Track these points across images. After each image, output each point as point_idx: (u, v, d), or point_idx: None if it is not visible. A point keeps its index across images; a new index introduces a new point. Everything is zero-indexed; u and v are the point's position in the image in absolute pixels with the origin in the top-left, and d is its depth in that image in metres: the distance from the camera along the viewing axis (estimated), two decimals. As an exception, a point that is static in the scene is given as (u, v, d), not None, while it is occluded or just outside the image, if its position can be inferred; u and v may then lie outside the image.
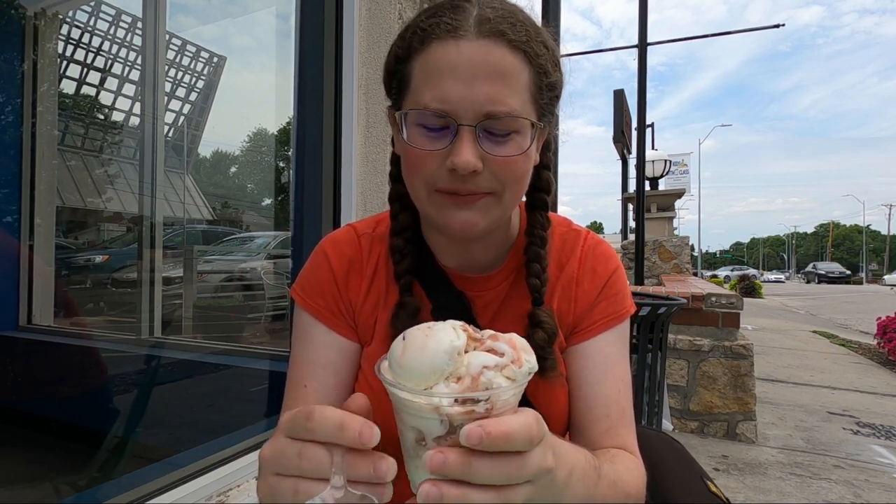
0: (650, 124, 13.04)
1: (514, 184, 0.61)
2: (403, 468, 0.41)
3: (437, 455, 0.35)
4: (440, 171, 0.58)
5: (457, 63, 0.57)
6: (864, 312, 12.49)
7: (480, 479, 0.36)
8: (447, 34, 0.58)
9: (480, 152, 0.57)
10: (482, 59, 0.56)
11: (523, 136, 0.59)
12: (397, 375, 0.38)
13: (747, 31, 12.50)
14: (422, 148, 0.58)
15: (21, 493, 1.74)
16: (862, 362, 5.87)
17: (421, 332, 0.38)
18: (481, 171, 0.58)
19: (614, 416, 0.66)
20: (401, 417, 0.38)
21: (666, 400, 2.85)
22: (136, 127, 3.44)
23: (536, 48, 0.59)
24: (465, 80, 0.56)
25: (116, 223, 3.81)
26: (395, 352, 0.38)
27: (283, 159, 5.67)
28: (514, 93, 0.57)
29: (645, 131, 5.88)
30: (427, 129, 0.59)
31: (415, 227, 0.70)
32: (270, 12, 3.38)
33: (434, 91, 0.57)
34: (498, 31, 0.57)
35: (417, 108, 0.58)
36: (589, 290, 0.71)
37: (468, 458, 0.35)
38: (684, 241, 6.66)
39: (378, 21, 1.96)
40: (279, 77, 2.90)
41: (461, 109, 0.56)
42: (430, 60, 0.58)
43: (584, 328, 0.70)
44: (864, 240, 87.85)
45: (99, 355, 2.30)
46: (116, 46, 3.41)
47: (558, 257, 0.72)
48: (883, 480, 2.56)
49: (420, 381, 0.36)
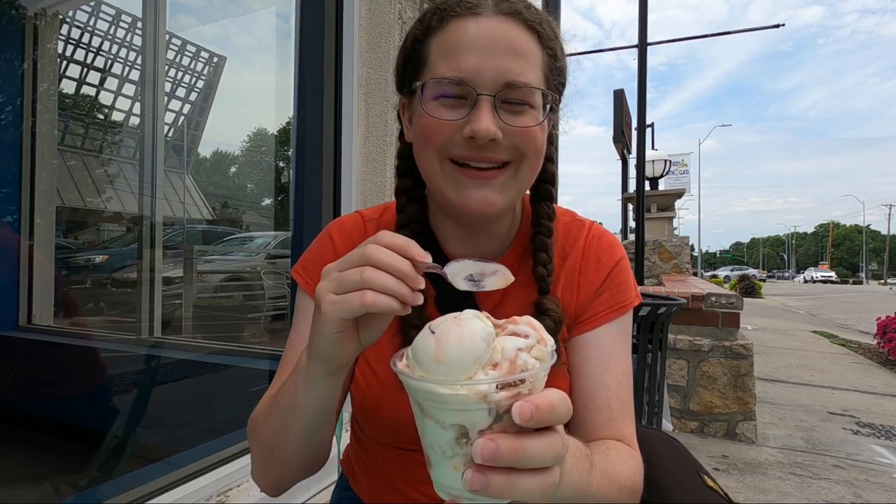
0: (650, 124, 13.04)
1: (532, 156, 0.62)
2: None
3: (488, 443, 0.34)
4: (456, 138, 0.60)
5: (476, 36, 0.59)
6: (864, 312, 12.48)
7: (532, 460, 0.35)
8: (467, 11, 0.60)
9: (499, 122, 0.58)
10: (501, 34, 0.59)
11: (537, 110, 0.61)
12: (434, 372, 0.36)
13: (747, 31, 12.51)
14: (440, 118, 0.60)
15: (21, 493, 1.74)
16: (862, 362, 5.87)
17: (451, 324, 0.37)
18: (500, 141, 0.59)
19: (614, 408, 0.66)
20: (436, 417, 0.36)
21: (666, 400, 2.85)
22: (136, 127, 3.44)
23: (548, 31, 0.62)
24: (485, 53, 0.58)
25: (116, 223, 3.81)
26: (426, 348, 0.36)
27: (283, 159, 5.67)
28: (531, 68, 0.60)
29: (645, 131, 5.87)
30: (445, 98, 0.60)
31: (421, 218, 0.71)
32: (270, 12, 3.38)
33: (452, 62, 0.59)
34: (514, 11, 0.60)
35: (436, 78, 0.60)
36: (592, 280, 0.71)
37: (520, 440, 0.35)
38: (684, 241, 6.66)
39: (378, 21, 1.96)
40: (279, 77, 2.90)
41: (480, 80, 0.58)
42: (449, 36, 0.60)
43: (586, 319, 0.69)
44: (864, 240, 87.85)
45: (99, 355, 2.29)
46: (116, 46, 3.41)
47: (562, 247, 0.72)
48: (883, 480, 2.56)
49: (461, 372, 0.35)
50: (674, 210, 8.43)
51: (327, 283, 0.46)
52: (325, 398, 0.54)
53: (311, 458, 0.61)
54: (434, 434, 0.37)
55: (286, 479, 0.63)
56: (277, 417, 0.57)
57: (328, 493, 1.45)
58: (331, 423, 0.60)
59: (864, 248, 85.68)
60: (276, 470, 0.61)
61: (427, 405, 0.36)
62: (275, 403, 0.58)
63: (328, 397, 0.55)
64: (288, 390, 0.55)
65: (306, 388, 0.53)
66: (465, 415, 0.35)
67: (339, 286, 0.45)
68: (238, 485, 1.46)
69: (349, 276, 0.45)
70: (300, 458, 0.60)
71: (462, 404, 0.34)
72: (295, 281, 0.73)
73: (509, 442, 0.34)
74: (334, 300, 0.45)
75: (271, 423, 0.58)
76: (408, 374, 0.37)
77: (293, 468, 0.61)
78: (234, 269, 5.01)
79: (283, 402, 0.56)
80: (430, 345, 0.36)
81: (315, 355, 0.50)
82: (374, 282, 0.44)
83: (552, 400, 0.36)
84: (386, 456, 0.71)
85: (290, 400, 0.55)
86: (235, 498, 1.40)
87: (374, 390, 0.69)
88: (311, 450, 0.60)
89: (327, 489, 1.63)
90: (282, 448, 0.58)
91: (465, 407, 0.34)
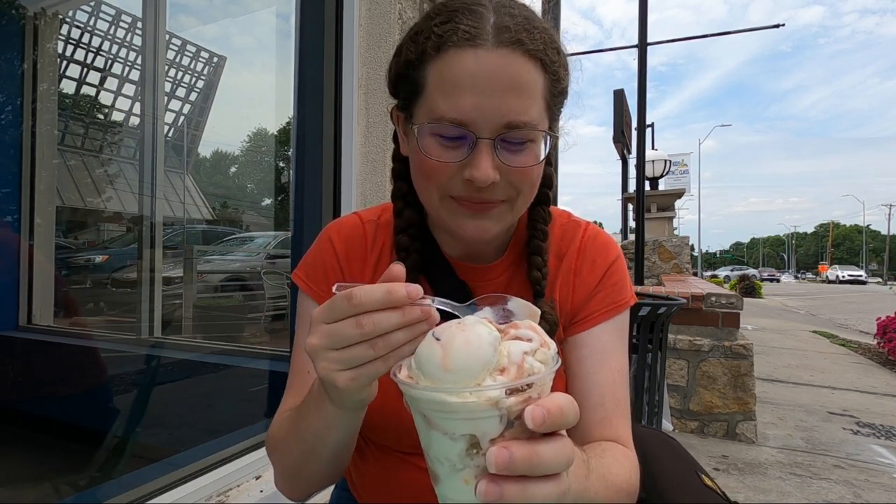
0: (650, 124, 13.05)
1: (527, 190, 0.62)
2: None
3: (502, 451, 0.33)
4: (455, 180, 0.59)
5: (476, 73, 0.55)
6: (864, 312, 12.48)
7: (546, 467, 0.35)
8: (465, 42, 0.56)
9: (498, 163, 0.57)
10: (502, 70, 0.56)
11: (538, 143, 0.59)
12: (442, 380, 0.34)
13: (747, 31, 12.52)
14: (438, 159, 0.58)
15: (21, 493, 1.74)
16: (862, 362, 5.87)
17: (457, 330, 0.36)
18: (498, 182, 0.58)
19: (609, 406, 0.66)
20: (444, 429, 0.35)
21: (666, 400, 2.85)
22: (136, 127, 3.44)
23: (551, 55, 0.59)
24: (485, 92, 0.55)
25: (116, 223, 3.81)
26: (431, 356, 0.35)
27: (283, 159, 5.67)
28: (532, 103, 0.57)
29: (645, 131, 5.87)
30: (443, 138, 0.58)
31: (419, 222, 0.70)
32: (270, 12, 3.38)
33: (451, 101, 0.56)
34: (517, 41, 0.56)
35: (434, 120, 0.57)
36: (588, 280, 0.71)
37: (533, 447, 0.34)
38: (684, 241, 6.66)
39: (378, 21, 1.96)
40: (279, 77, 2.90)
41: (480, 121, 0.56)
42: (447, 69, 0.57)
43: (582, 318, 0.69)
44: (864, 240, 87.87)
45: (99, 355, 2.29)
46: (116, 46, 3.41)
47: (558, 248, 0.72)
48: (883, 480, 2.56)
49: (470, 379, 0.34)
50: (674, 210, 8.43)
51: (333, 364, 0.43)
52: (354, 428, 0.55)
53: (341, 469, 0.63)
54: (442, 446, 0.35)
55: (315, 488, 0.64)
56: (303, 446, 0.57)
57: (328, 493, 1.45)
58: (351, 449, 0.60)
59: (864, 248, 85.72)
60: (305, 485, 0.62)
61: (434, 416, 0.35)
62: (298, 433, 0.57)
63: (356, 426, 0.56)
64: (310, 425, 0.54)
65: (332, 426, 0.53)
66: (475, 423, 0.34)
67: (351, 364, 0.43)
68: (238, 485, 1.46)
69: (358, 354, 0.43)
70: (330, 473, 0.61)
71: (472, 413, 0.33)
72: (295, 284, 0.73)
73: (523, 449, 0.34)
74: (353, 376, 0.43)
75: (296, 450, 0.58)
76: (412, 385, 0.35)
77: (324, 482, 0.63)
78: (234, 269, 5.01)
79: (308, 434, 0.55)
80: (437, 352, 0.35)
81: (343, 403, 0.49)
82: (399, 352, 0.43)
83: (561, 403, 0.35)
84: (385, 462, 0.71)
85: (315, 434, 0.55)
86: (235, 498, 1.40)
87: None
88: (341, 465, 0.61)
89: (327, 489, 1.63)
90: (309, 471, 0.59)
91: (475, 415, 0.33)
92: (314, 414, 0.53)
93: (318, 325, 0.44)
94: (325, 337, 0.43)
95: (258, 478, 1.51)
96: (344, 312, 0.42)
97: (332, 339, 0.43)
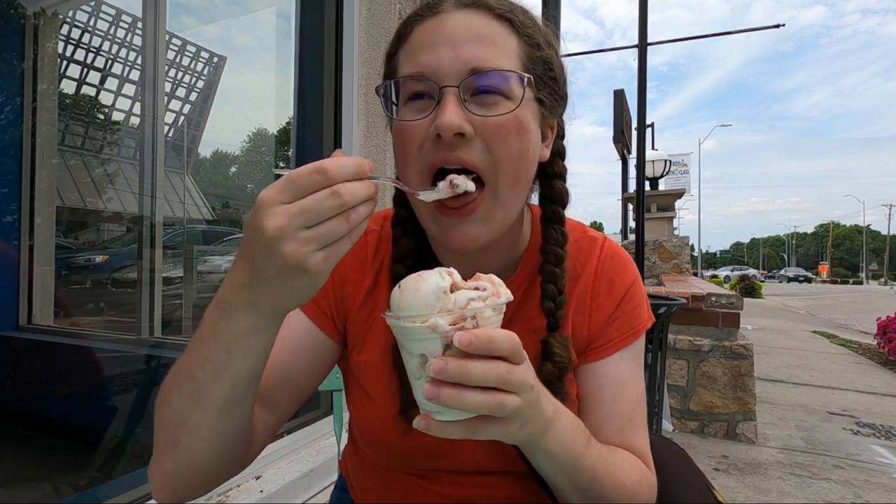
0: (650, 124, 13.02)
1: (507, 163, 0.55)
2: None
3: (438, 361, 0.42)
4: (427, 143, 0.55)
5: (437, 32, 0.55)
6: (864, 312, 12.48)
7: (474, 379, 0.42)
8: (427, 14, 0.57)
9: (467, 115, 0.54)
10: (463, 25, 0.55)
11: (514, 101, 0.55)
12: (399, 314, 0.45)
13: (747, 31, 12.49)
14: (406, 120, 0.56)
15: (21, 493, 1.74)
16: (862, 362, 5.87)
17: (413, 279, 0.46)
18: (472, 137, 0.54)
19: (627, 433, 0.64)
20: (407, 349, 0.46)
21: (666, 400, 2.85)
22: (136, 127, 3.44)
23: (522, 18, 0.57)
24: (446, 45, 0.54)
25: (116, 223, 3.81)
26: (394, 299, 0.46)
27: (284, 159, 5.67)
28: (501, 54, 0.55)
29: (645, 131, 5.87)
30: (412, 100, 0.56)
31: (418, 249, 0.66)
32: (271, 12, 3.38)
33: (413, 60, 0.56)
34: (478, 3, 0.56)
35: (396, 79, 0.57)
36: (605, 304, 0.66)
37: (464, 361, 0.42)
38: (684, 241, 6.65)
39: (378, 21, 1.96)
40: (279, 77, 2.89)
41: (442, 72, 0.54)
42: (412, 40, 0.58)
43: (598, 346, 0.66)
44: (864, 240, 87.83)
45: (98, 355, 2.29)
46: (116, 46, 3.40)
47: (573, 267, 0.67)
48: (883, 480, 2.56)
49: (417, 314, 0.44)
50: (674, 210, 8.42)
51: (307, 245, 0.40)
52: (257, 361, 0.48)
53: (223, 448, 0.51)
54: (408, 362, 0.46)
55: (187, 474, 0.51)
56: (190, 387, 0.48)
57: (327, 493, 1.45)
58: (251, 398, 0.51)
59: (864, 249, 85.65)
60: (176, 458, 0.50)
61: (400, 339, 0.46)
62: (188, 371, 0.48)
63: (265, 354, 0.48)
64: (205, 355, 0.47)
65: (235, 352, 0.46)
66: (423, 344, 0.44)
67: (326, 240, 0.41)
68: (238, 485, 1.46)
69: (335, 229, 0.41)
70: (211, 445, 0.50)
71: (420, 335, 0.43)
72: None
73: (456, 362, 0.42)
74: (325, 256, 0.41)
75: (181, 395, 0.49)
76: (387, 315, 0.47)
77: (199, 458, 0.50)
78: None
79: (199, 371, 0.47)
80: (396, 297, 0.46)
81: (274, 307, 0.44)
82: (360, 227, 0.43)
83: (492, 333, 0.42)
84: (388, 478, 0.70)
85: (211, 366, 0.46)
86: (235, 498, 1.40)
87: (372, 416, 0.66)
88: (226, 437, 0.50)
89: (327, 489, 1.63)
90: (191, 430, 0.49)
91: (422, 336, 0.44)
92: (213, 339, 0.46)
93: (273, 207, 0.39)
94: (296, 215, 0.39)
95: (258, 478, 1.52)
96: (316, 185, 0.40)
97: (306, 216, 0.39)
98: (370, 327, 0.67)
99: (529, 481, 0.64)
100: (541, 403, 0.48)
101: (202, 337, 0.48)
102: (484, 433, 0.45)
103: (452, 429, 0.45)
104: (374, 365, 0.65)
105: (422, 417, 0.46)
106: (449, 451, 0.63)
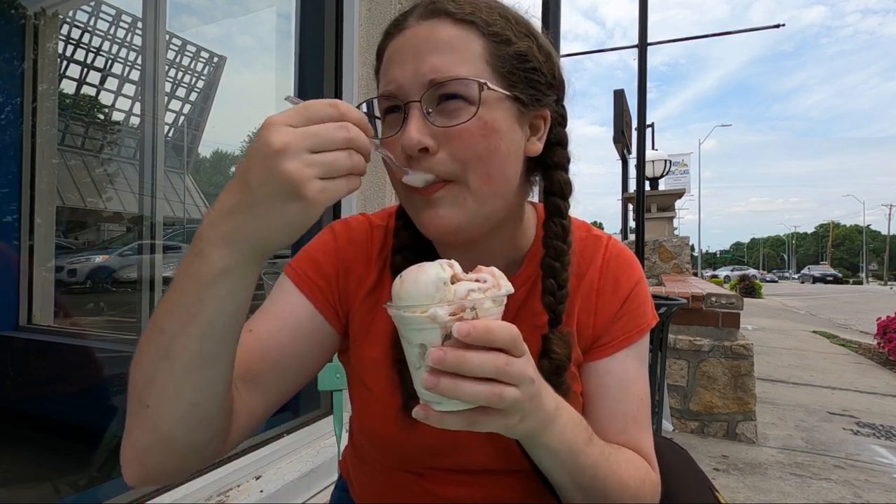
0: (650, 124, 13.02)
1: (475, 163, 0.55)
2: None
3: (437, 351, 0.42)
4: (401, 159, 0.56)
5: (401, 48, 0.57)
6: (864, 312, 12.48)
7: (471, 369, 0.42)
8: (395, 31, 0.59)
9: (430, 129, 0.54)
10: (424, 38, 0.56)
11: (475, 106, 0.54)
12: (400, 304, 0.46)
13: (747, 31, 12.50)
14: (385, 136, 0.58)
15: (21, 493, 1.74)
16: (862, 362, 5.87)
17: (414, 269, 0.47)
18: (436, 151, 0.55)
19: (631, 432, 0.65)
20: (407, 339, 0.46)
21: (666, 400, 2.85)
22: (136, 127, 3.44)
23: (487, 17, 0.57)
24: (410, 59, 0.55)
25: (116, 223, 3.81)
26: (395, 289, 0.47)
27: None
28: (462, 61, 0.55)
29: (645, 131, 5.87)
30: (388, 114, 0.59)
31: (421, 244, 0.66)
32: (271, 12, 3.38)
33: (385, 78, 0.58)
34: (437, 10, 0.57)
35: (369, 100, 0.59)
36: (610, 303, 0.66)
37: (463, 351, 0.42)
38: (684, 241, 6.65)
39: (378, 21, 1.96)
40: (279, 77, 2.89)
41: (406, 87, 0.55)
42: (385, 58, 0.60)
43: (603, 344, 0.66)
44: (864, 240, 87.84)
45: (99, 355, 2.29)
46: (116, 46, 3.40)
47: (577, 265, 0.67)
48: (883, 480, 2.56)
49: (417, 304, 0.44)
50: (674, 210, 8.43)
51: (309, 168, 0.40)
52: (237, 306, 0.46)
53: (193, 417, 0.47)
54: (408, 352, 0.47)
55: (156, 448, 0.47)
56: (160, 346, 0.45)
57: (327, 493, 1.45)
58: (225, 361, 0.48)
59: (864, 249, 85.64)
60: (143, 425, 0.47)
61: (400, 329, 0.46)
62: (158, 329, 0.45)
63: (239, 305, 0.46)
64: (183, 300, 0.44)
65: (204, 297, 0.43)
66: (422, 334, 0.44)
67: (329, 170, 0.41)
68: (238, 485, 1.46)
69: (339, 161, 0.42)
70: (178, 410, 0.46)
71: (420, 325, 0.44)
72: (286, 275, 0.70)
73: (454, 352, 0.42)
74: (324, 187, 0.41)
75: (148, 359, 0.46)
76: (388, 305, 0.47)
77: (166, 426, 0.46)
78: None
79: (172, 321, 0.44)
80: (397, 286, 0.46)
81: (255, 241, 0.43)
82: (360, 170, 0.44)
83: (490, 325, 0.42)
84: (389, 477, 0.70)
85: (183, 315, 0.44)
86: (235, 498, 1.40)
87: (373, 411, 0.66)
88: (196, 402, 0.47)
89: (327, 489, 1.63)
90: (158, 391, 0.45)
91: (421, 326, 0.44)
92: (185, 282, 0.44)
93: (282, 127, 0.40)
94: (306, 137, 0.40)
95: (258, 478, 1.52)
96: (328, 116, 0.42)
97: (314, 140, 0.41)
98: (372, 321, 0.67)
99: (532, 481, 0.63)
100: (541, 398, 0.48)
101: (175, 283, 0.45)
102: (483, 425, 0.45)
103: (451, 419, 0.44)
104: (376, 360, 0.65)
105: (421, 407, 0.46)
106: (450, 448, 0.63)
